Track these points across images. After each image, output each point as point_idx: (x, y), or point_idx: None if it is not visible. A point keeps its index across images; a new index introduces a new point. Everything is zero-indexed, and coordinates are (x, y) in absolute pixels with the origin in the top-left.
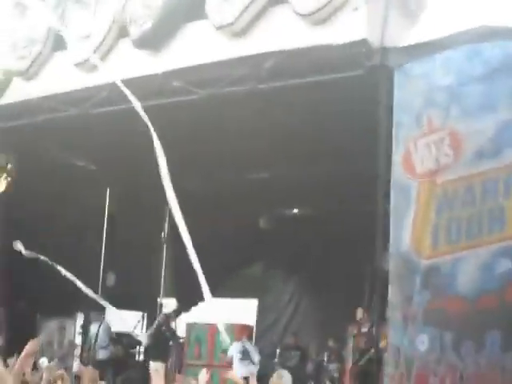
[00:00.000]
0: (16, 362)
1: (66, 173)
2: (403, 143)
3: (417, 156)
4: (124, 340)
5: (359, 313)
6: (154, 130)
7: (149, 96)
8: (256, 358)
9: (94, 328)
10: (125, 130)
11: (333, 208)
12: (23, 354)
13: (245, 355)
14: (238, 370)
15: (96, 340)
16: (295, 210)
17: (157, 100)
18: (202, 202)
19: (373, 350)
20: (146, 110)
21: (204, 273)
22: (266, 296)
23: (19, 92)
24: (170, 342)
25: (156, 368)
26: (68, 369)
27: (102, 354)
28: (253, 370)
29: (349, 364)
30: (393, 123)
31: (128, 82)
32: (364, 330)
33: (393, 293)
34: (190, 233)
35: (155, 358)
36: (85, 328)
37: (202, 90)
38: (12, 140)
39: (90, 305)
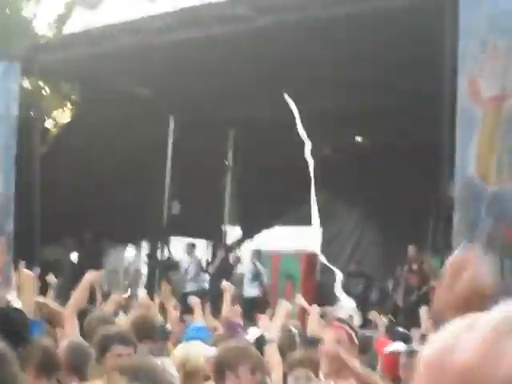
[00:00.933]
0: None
1: (129, 101)
2: (468, 69)
3: (482, 82)
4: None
5: (410, 250)
6: (220, 58)
7: (213, 23)
8: (265, 279)
9: (185, 262)
10: (188, 58)
11: (397, 136)
12: (81, 286)
13: (254, 276)
14: (248, 290)
15: (186, 273)
16: (359, 139)
17: (221, 27)
18: (266, 130)
19: (425, 288)
20: (209, 38)
21: (268, 201)
22: (330, 224)
23: (81, 21)
24: (234, 272)
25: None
26: (133, 297)
27: (190, 287)
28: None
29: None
30: (458, 48)
31: (190, 10)
32: (414, 267)
33: (458, 220)
34: (255, 160)
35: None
36: (151, 257)
37: (265, 17)
38: (75, 69)
39: (156, 233)
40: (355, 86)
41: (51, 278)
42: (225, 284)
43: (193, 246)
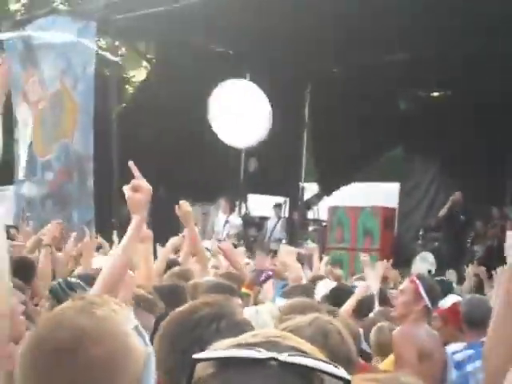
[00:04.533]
0: None
1: (205, 59)
2: None
3: None
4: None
5: (494, 211)
6: (295, 14)
7: None
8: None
9: (270, 222)
10: (263, 15)
11: (476, 90)
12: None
13: None
14: None
15: (271, 233)
16: (436, 93)
17: None
18: (342, 84)
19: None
20: None
21: (345, 157)
22: (407, 179)
23: None
24: (311, 228)
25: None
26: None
27: (274, 246)
28: None
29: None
30: None
31: None
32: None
33: None
34: (332, 117)
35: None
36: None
37: None
38: (151, 28)
39: (233, 191)
40: (432, 37)
41: None
42: (313, 246)
43: (279, 206)
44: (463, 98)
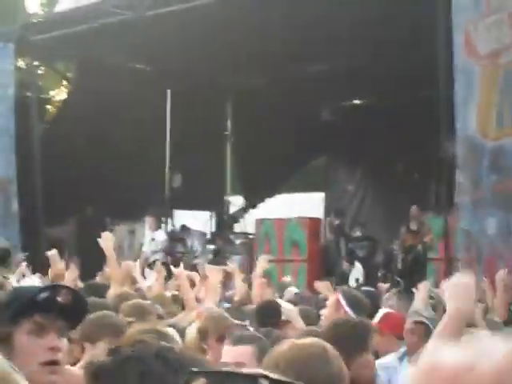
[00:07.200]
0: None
1: (125, 77)
2: (463, 26)
3: (478, 38)
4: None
5: (413, 210)
6: (213, 28)
7: None
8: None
9: (189, 241)
10: (181, 30)
11: (395, 96)
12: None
13: None
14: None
15: (192, 250)
16: (357, 101)
17: None
18: (263, 97)
19: (419, 247)
20: (202, 8)
21: (269, 168)
22: (332, 189)
23: None
24: (238, 241)
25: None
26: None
27: (197, 260)
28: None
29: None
30: (451, 7)
31: None
32: (413, 227)
33: (461, 177)
34: (254, 129)
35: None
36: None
37: None
38: (69, 47)
39: (158, 207)
40: (352, 47)
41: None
42: (233, 267)
43: (184, 227)
44: (384, 104)
